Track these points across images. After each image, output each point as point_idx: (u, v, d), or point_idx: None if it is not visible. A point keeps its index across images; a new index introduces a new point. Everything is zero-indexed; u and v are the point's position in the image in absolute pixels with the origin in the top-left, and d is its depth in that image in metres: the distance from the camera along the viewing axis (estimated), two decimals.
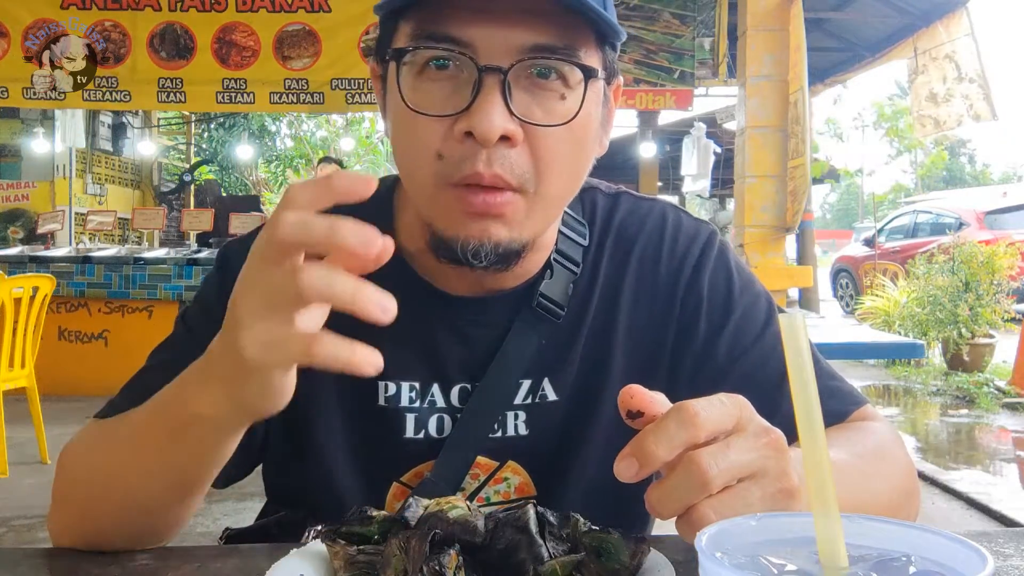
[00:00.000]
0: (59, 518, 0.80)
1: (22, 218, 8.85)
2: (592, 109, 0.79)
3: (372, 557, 0.61)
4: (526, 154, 0.76)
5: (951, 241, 8.41)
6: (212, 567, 0.71)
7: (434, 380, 0.89)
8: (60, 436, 4.38)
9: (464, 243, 0.77)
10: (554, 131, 0.76)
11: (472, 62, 0.73)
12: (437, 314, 0.89)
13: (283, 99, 6.62)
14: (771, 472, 0.56)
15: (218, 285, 0.91)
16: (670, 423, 0.55)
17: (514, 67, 0.73)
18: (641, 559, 0.60)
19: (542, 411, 0.90)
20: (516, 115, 0.74)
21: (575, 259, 0.91)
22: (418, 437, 0.88)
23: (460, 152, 0.74)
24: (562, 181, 0.79)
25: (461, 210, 0.76)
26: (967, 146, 42.82)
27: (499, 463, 0.90)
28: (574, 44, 0.75)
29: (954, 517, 3.71)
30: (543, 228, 0.82)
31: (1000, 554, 0.70)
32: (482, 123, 0.72)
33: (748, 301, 0.93)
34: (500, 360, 0.88)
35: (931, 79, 6.38)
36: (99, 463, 0.78)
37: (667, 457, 0.55)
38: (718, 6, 6.84)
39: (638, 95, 6.99)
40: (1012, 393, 6.36)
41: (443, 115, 0.74)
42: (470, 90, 0.73)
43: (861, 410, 0.90)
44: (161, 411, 0.71)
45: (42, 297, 4.23)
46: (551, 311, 0.89)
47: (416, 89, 0.76)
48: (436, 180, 0.76)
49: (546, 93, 0.75)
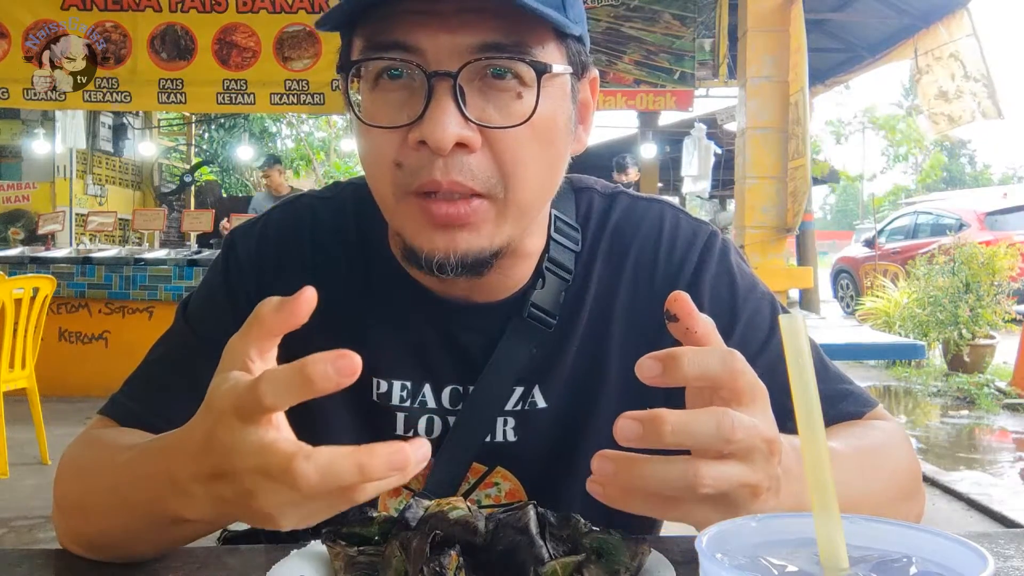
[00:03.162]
0: (60, 521, 0.80)
1: (23, 219, 8.85)
2: (556, 105, 0.77)
3: (373, 558, 0.61)
4: (488, 159, 0.74)
5: (951, 242, 8.40)
6: (212, 567, 0.71)
7: (425, 380, 0.88)
8: (60, 437, 4.38)
9: (429, 255, 0.75)
10: (515, 132, 0.74)
11: (421, 69, 0.71)
12: (429, 316, 0.88)
13: (283, 100, 6.63)
14: (757, 465, 0.56)
15: (222, 272, 0.92)
16: (714, 356, 0.56)
17: (463, 70, 0.71)
18: (642, 560, 0.60)
19: (531, 418, 0.89)
20: (471, 119, 0.72)
21: (567, 266, 0.89)
22: (408, 436, 0.88)
23: (417, 160, 0.73)
24: (532, 183, 0.77)
25: (425, 221, 0.75)
26: (967, 147, 42.83)
27: (488, 468, 0.89)
28: (526, 41, 0.73)
29: (955, 518, 3.71)
30: (517, 233, 0.79)
31: (1001, 555, 0.70)
32: (435, 132, 0.70)
33: (752, 307, 0.91)
34: (491, 368, 0.87)
35: (938, 77, 6.36)
36: (91, 488, 0.76)
37: (691, 374, 0.54)
38: (718, 7, 6.85)
39: (638, 96, 7.00)
40: (1013, 394, 6.36)
41: (397, 126, 0.73)
42: (423, 98, 0.71)
43: (874, 411, 0.89)
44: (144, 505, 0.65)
45: (42, 298, 4.23)
46: (542, 320, 0.87)
47: (372, 101, 0.75)
48: (396, 190, 0.75)
49: (501, 94, 0.73)
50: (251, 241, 0.92)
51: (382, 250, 0.89)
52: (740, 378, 0.56)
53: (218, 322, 0.87)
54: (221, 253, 0.94)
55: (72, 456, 0.82)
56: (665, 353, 0.55)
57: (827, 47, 8.41)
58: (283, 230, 0.93)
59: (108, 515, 0.71)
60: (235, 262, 0.92)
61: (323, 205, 0.94)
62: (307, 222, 0.92)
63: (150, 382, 0.89)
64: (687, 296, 0.58)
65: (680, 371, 0.54)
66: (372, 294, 0.89)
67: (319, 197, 0.96)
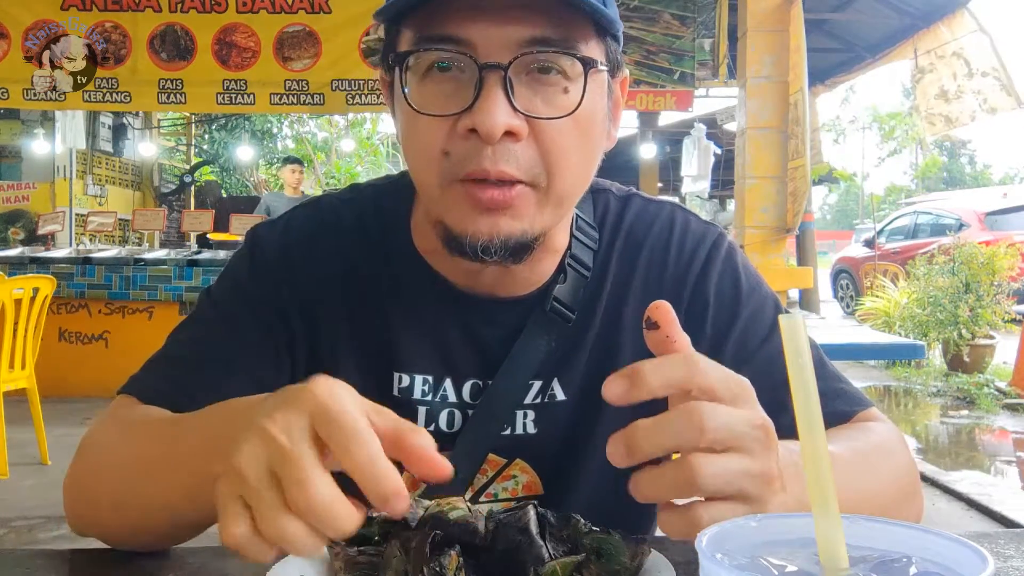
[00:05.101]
0: (73, 501, 0.81)
1: (22, 219, 8.85)
2: (596, 100, 0.80)
3: (373, 558, 0.61)
4: (533, 148, 0.76)
5: (951, 242, 8.40)
6: (213, 567, 0.71)
7: (447, 375, 0.90)
8: (60, 437, 4.38)
9: (473, 238, 0.77)
10: (559, 124, 0.76)
11: (472, 61, 0.74)
12: (451, 311, 0.90)
13: (283, 100, 6.62)
14: (756, 453, 0.56)
15: (248, 260, 0.93)
16: (674, 360, 0.56)
17: (514, 62, 0.74)
18: (642, 560, 0.60)
19: (550, 410, 0.91)
20: (519, 110, 0.75)
21: (587, 263, 0.93)
22: (429, 430, 0.88)
23: (465, 149, 0.75)
24: (572, 173, 0.80)
25: (470, 205, 0.77)
26: (967, 147, 42.81)
27: (507, 460, 0.91)
28: (572, 36, 0.76)
29: (954, 518, 3.71)
30: (554, 222, 0.83)
31: (1000, 555, 0.70)
32: (485, 120, 0.73)
33: (755, 304, 0.94)
34: (511, 361, 0.89)
35: (940, 76, 6.36)
36: (124, 461, 0.77)
37: (655, 384, 0.55)
38: (718, 7, 6.84)
39: (638, 96, 7.00)
40: (1012, 394, 6.36)
41: (447, 114, 0.75)
42: (472, 88, 0.74)
43: (865, 412, 0.90)
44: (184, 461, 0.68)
45: (42, 298, 4.23)
46: (562, 314, 0.90)
47: (421, 91, 0.77)
48: (443, 178, 0.77)
49: (548, 88, 0.76)
50: (276, 234, 0.94)
51: (405, 247, 0.92)
52: (705, 377, 0.56)
53: (244, 306, 0.90)
54: (245, 246, 0.96)
55: (100, 433, 0.83)
56: (628, 369, 0.55)
57: (827, 47, 8.41)
58: (307, 226, 0.95)
59: (137, 485, 0.73)
60: (261, 256, 0.93)
61: (345, 206, 0.96)
62: (331, 221, 0.95)
63: (178, 361, 0.90)
64: (668, 305, 0.58)
65: (644, 383, 0.55)
66: (395, 290, 0.91)
67: (340, 199, 0.98)
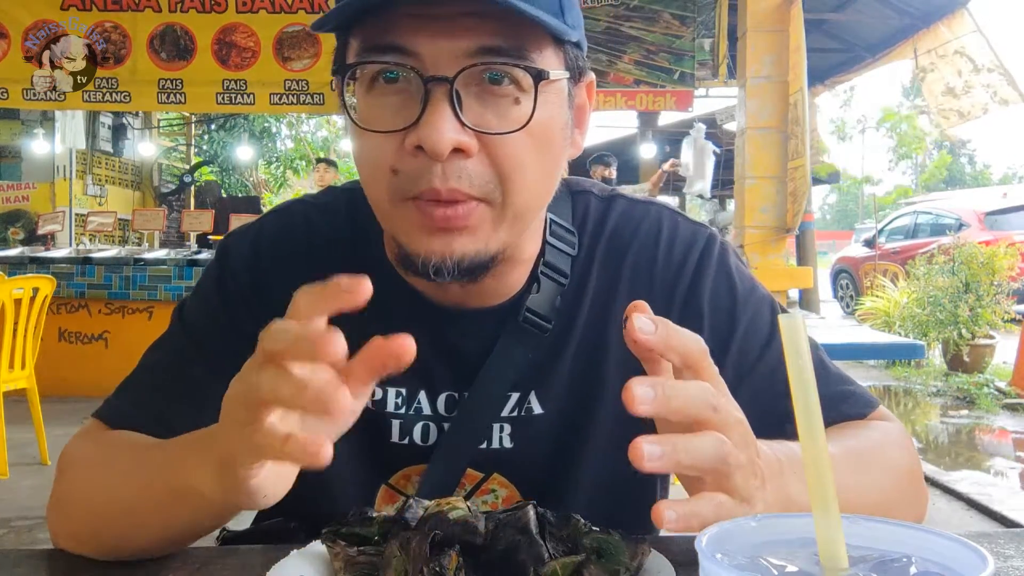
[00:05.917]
0: (59, 521, 0.80)
1: (22, 219, 8.85)
2: (553, 110, 0.76)
3: (372, 558, 0.61)
4: (485, 163, 0.73)
5: (951, 242, 8.41)
6: (212, 568, 0.71)
7: (420, 388, 0.87)
8: (60, 437, 4.38)
9: (426, 259, 0.74)
10: (512, 138, 0.73)
11: (417, 74, 0.71)
12: (423, 323, 0.85)
13: (283, 100, 6.62)
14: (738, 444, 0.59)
15: (217, 278, 0.91)
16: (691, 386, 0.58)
17: (460, 74, 0.70)
18: (642, 560, 0.60)
19: (527, 424, 0.88)
20: (468, 125, 0.71)
21: (563, 270, 0.88)
22: (403, 443, 0.87)
23: (414, 167, 0.72)
24: (529, 188, 0.76)
25: (422, 224, 0.74)
26: (967, 147, 42.81)
27: (484, 475, 0.88)
28: (523, 45, 0.72)
29: (954, 518, 3.71)
30: (513, 239, 0.78)
31: (1000, 555, 0.70)
32: (430, 137, 0.69)
33: (752, 310, 0.90)
34: (487, 374, 0.86)
35: (944, 74, 6.35)
36: (98, 483, 0.78)
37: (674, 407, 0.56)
38: (718, 7, 6.84)
39: (638, 96, 6.99)
40: (1012, 394, 6.36)
41: (393, 130, 0.72)
42: (419, 102, 0.71)
43: (876, 412, 0.89)
44: (162, 467, 0.70)
45: (42, 298, 4.23)
46: (538, 325, 0.86)
47: (368, 104, 0.74)
48: (392, 195, 0.74)
49: (499, 99, 0.72)
50: (245, 246, 0.92)
51: (377, 254, 0.88)
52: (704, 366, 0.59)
53: (213, 327, 0.88)
54: (215, 258, 0.93)
55: (76, 448, 0.83)
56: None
57: (827, 47, 8.41)
58: (278, 235, 0.92)
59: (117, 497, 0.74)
60: (229, 267, 0.91)
61: (317, 210, 0.93)
62: (301, 227, 0.92)
63: (146, 387, 0.88)
64: (646, 304, 0.59)
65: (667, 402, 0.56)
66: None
67: (313, 203, 0.95)
